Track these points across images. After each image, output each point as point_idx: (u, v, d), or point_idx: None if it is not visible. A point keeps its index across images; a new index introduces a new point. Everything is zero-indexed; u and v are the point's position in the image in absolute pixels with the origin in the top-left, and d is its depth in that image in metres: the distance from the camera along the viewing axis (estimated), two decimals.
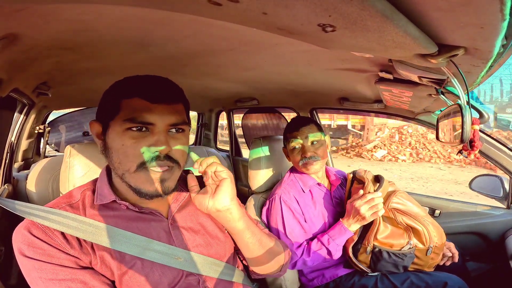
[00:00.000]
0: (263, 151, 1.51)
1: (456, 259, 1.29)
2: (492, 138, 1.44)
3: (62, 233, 0.66)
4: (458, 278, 1.19)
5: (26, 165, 2.00)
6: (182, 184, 0.85)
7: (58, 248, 0.65)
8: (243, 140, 3.09)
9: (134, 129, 0.67)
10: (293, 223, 1.28)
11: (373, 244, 1.19)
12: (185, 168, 0.79)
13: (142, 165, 0.68)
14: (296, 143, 1.33)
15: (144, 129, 0.68)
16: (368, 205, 1.15)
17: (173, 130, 0.72)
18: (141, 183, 0.69)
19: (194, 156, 0.78)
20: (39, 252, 0.63)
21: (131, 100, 0.68)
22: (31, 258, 0.63)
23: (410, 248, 1.18)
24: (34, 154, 2.14)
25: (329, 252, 1.22)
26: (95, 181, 0.79)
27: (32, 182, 1.41)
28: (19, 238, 0.65)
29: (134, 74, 0.73)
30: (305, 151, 1.32)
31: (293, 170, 1.43)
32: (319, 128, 1.37)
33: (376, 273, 1.25)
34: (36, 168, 1.43)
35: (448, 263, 1.29)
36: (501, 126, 11.26)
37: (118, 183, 0.76)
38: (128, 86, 0.71)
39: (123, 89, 0.70)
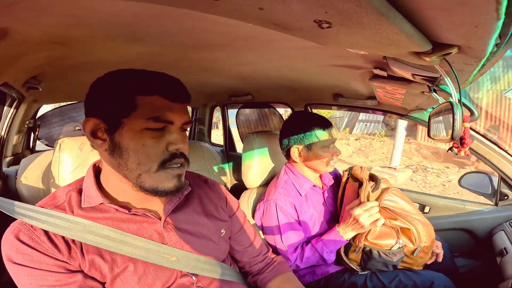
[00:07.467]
0: (256, 146, 1.50)
1: (440, 259, 1.30)
2: (482, 136, 1.46)
3: (49, 238, 0.65)
4: (445, 277, 1.20)
5: (16, 160, 1.96)
6: None
7: (46, 254, 0.63)
8: None
9: (153, 127, 0.66)
10: (289, 230, 1.24)
11: (364, 244, 1.19)
12: None
13: (163, 164, 0.67)
14: (331, 141, 1.28)
15: (160, 128, 0.67)
16: (368, 213, 1.11)
17: (181, 128, 0.72)
18: (160, 182, 0.68)
19: None
20: (27, 259, 0.62)
21: (151, 98, 0.65)
22: (20, 264, 0.62)
23: (399, 247, 1.18)
24: (24, 149, 2.11)
25: (323, 259, 1.21)
26: (80, 181, 0.76)
27: (22, 177, 1.39)
28: (7, 245, 0.63)
29: (127, 68, 0.69)
30: (336, 150, 1.28)
31: (288, 171, 1.36)
32: None
33: (366, 272, 1.25)
34: (27, 163, 1.41)
35: (432, 260, 1.30)
36: None
37: (109, 185, 0.73)
38: (144, 82, 0.66)
39: (138, 85, 0.66)
